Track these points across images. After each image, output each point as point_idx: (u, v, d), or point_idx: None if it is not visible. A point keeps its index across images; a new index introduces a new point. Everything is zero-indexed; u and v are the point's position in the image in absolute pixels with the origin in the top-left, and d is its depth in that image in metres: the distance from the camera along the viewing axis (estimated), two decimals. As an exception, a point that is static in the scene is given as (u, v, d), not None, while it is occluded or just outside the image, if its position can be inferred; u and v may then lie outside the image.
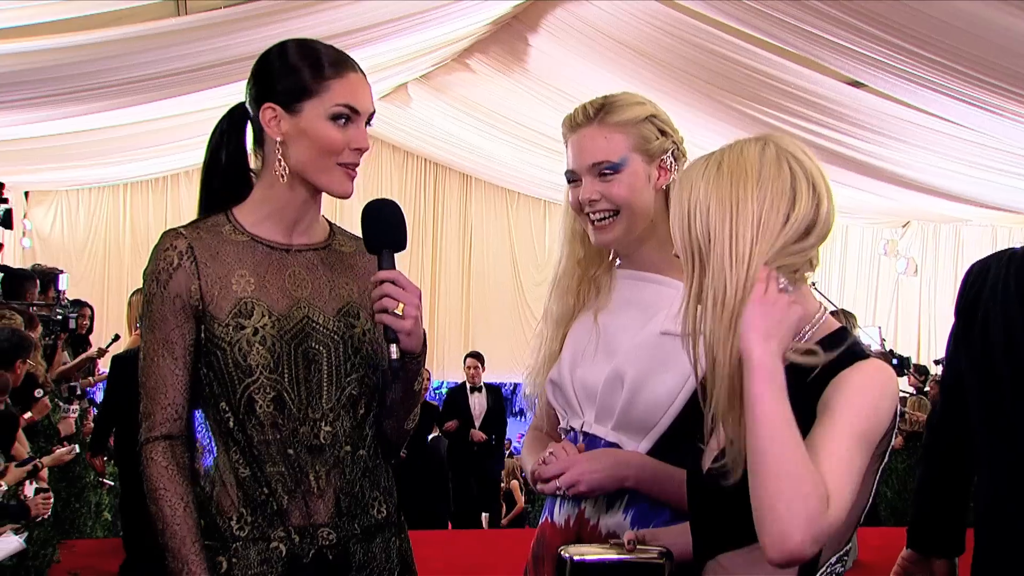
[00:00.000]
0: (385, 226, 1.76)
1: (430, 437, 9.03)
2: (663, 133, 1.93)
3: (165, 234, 1.78)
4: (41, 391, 5.33)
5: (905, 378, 9.99)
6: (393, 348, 1.72)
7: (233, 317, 1.73)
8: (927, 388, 9.09)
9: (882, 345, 11.08)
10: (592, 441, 1.93)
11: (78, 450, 5.54)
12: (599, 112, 1.91)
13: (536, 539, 2.04)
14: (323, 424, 1.77)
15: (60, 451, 5.23)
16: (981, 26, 5.52)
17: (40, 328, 6.07)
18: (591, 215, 1.92)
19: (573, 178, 1.95)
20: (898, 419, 1.49)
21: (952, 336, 2.33)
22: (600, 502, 1.90)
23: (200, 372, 1.77)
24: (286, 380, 1.75)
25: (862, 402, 1.41)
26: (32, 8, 5.76)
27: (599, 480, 1.83)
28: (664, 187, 1.92)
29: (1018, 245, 2.29)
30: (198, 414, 1.81)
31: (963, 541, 2.36)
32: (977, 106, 6.80)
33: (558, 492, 1.87)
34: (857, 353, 1.48)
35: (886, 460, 1.51)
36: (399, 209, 1.78)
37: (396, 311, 1.69)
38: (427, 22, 7.87)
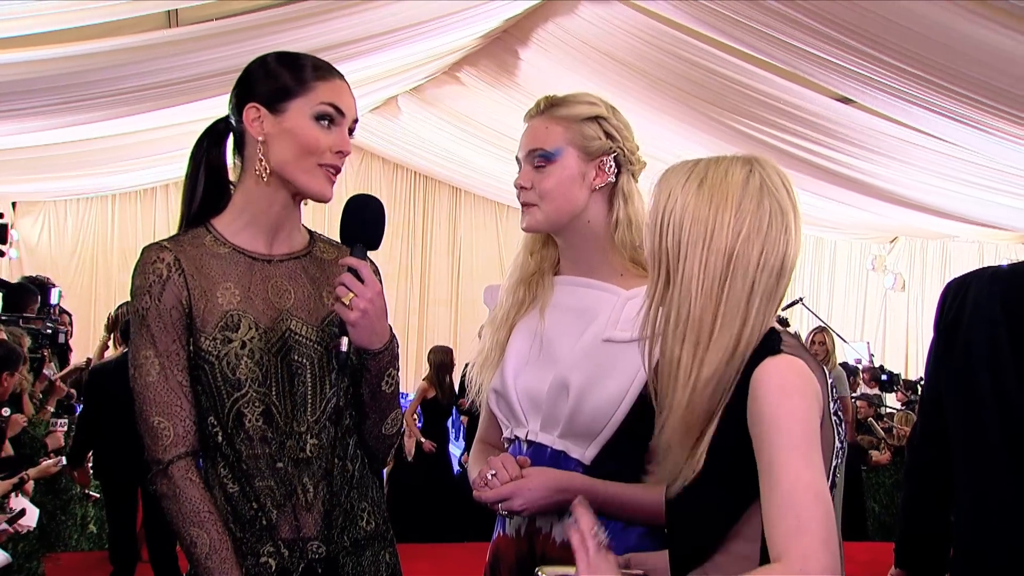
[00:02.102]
0: (364, 222, 1.77)
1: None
2: (609, 136, 1.96)
3: (148, 248, 1.77)
4: (8, 410, 5.24)
5: (894, 394, 10.02)
6: (344, 340, 1.70)
7: (220, 330, 1.72)
8: (916, 403, 9.11)
9: (871, 360, 11.12)
10: (538, 450, 1.93)
11: (65, 462, 5.50)
12: (550, 106, 1.98)
13: (491, 552, 2.04)
14: (308, 436, 1.76)
15: (47, 463, 5.19)
16: (969, 44, 5.56)
17: (28, 341, 6.01)
18: (521, 200, 1.98)
19: (519, 164, 2.01)
20: (831, 401, 1.49)
21: (931, 355, 2.33)
22: (550, 512, 1.90)
23: None
24: (273, 393, 1.74)
25: (787, 411, 1.40)
26: (21, 20, 5.75)
27: (539, 505, 1.84)
28: (600, 187, 1.95)
29: (1004, 262, 2.30)
30: None
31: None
32: (965, 123, 6.84)
33: (501, 513, 1.89)
34: (767, 349, 1.48)
35: (838, 461, 1.51)
36: (381, 208, 1.79)
37: (344, 301, 1.68)
38: (418, 35, 7.88)
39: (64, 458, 5.52)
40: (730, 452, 1.47)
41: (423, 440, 8.00)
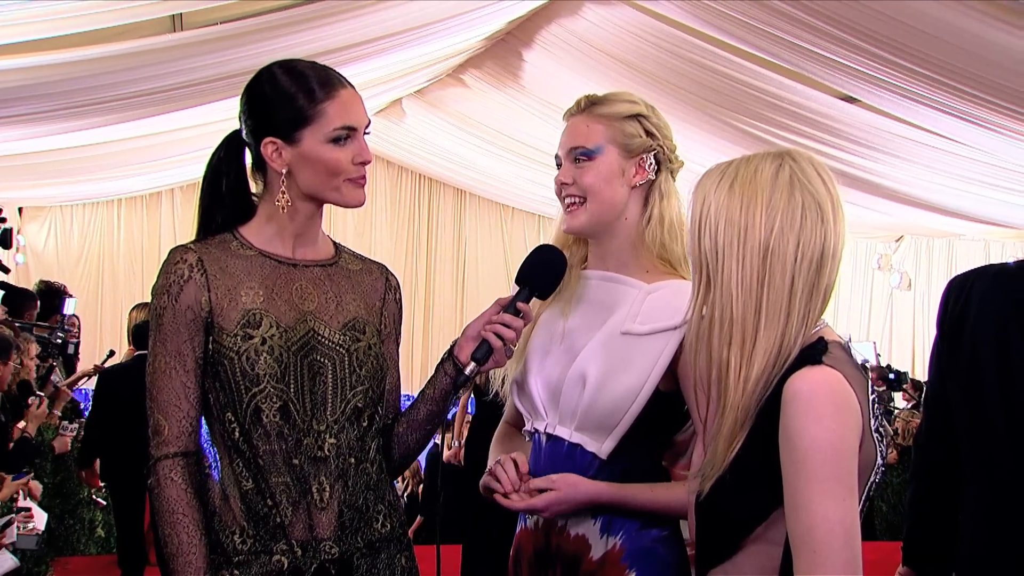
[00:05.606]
0: (544, 274, 1.90)
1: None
2: (649, 134, 2.00)
3: (174, 249, 1.82)
4: (36, 398, 5.27)
5: (900, 393, 9.99)
6: (472, 366, 1.83)
7: (241, 327, 1.76)
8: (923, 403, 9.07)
9: (877, 360, 11.09)
10: (555, 443, 1.97)
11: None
12: (590, 104, 2.02)
13: (514, 545, 2.08)
14: (327, 436, 1.78)
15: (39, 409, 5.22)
16: (973, 42, 5.55)
17: (36, 348, 5.99)
18: (563, 199, 2.00)
19: (557, 163, 2.03)
20: (872, 417, 1.48)
21: (935, 354, 2.32)
22: None
23: (206, 384, 1.78)
24: (292, 391, 1.76)
25: (812, 439, 1.40)
26: (27, 25, 5.76)
27: (562, 512, 1.91)
28: (639, 184, 1.97)
29: (1010, 260, 2.29)
30: (203, 428, 1.82)
31: None
32: (970, 121, 6.83)
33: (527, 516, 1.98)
34: (808, 357, 1.48)
35: (877, 477, 1.51)
36: (564, 267, 1.93)
37: (500, 339, 1.82)
38: (422, 38, 7.89)
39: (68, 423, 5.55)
40: (757, 457, 1.48)
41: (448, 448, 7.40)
